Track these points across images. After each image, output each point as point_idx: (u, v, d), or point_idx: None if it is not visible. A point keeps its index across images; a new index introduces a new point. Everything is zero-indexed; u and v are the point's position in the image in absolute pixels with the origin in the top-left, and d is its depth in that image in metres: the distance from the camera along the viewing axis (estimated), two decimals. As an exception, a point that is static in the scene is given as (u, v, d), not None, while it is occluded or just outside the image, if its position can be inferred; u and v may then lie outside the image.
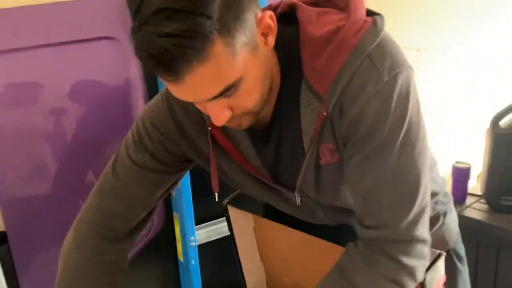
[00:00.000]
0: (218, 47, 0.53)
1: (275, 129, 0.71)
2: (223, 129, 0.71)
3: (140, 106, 1.29)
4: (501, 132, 1.76)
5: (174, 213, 1.36)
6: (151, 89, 1.27)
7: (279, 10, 0.70)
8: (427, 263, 0.71)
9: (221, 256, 1.37)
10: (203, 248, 1.35)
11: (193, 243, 1.29)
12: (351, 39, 0.61)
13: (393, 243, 0.67)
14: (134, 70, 1.27)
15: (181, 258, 1.36)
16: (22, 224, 1.21)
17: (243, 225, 1.00)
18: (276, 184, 0.76)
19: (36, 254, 1.25)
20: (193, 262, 1.30)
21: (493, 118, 1.77)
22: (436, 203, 0.89)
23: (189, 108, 0.74)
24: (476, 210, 1.95)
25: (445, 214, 0.91)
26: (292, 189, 0.75)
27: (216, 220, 1.37)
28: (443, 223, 0.90)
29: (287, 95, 0.68)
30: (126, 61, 1.24)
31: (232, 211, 0.97)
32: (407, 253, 0.67)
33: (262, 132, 0.72)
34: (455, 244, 0.95)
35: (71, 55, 1.18)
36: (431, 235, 0.72)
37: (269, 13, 0.60)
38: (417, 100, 0.66)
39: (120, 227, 0.83)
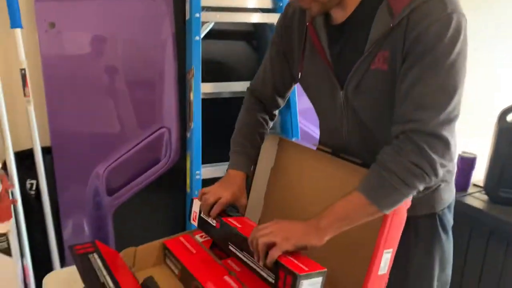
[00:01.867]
0: None
1: (347, 28, 0.90)
2: (314, 25, 0.96)
3: (171, 59, 1.56)
4: (506, 126, 1.83)
5: (187, 152, 1.62)
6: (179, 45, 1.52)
7: None
8: (447, 164, 0.83)
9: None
10: (208, 183, 1.59)
11: (198, 177, 1.55)
12: None
13: (420, 133, 0.80)
14: (167, 28, 1.53)
15: (188, 189, 1.62)
16: (65, 143, 1.52)
17: (269, 146, 1.17)
18: (334, 73, 0.94)
19: (74, 169, 1.55)
20: (196, 192, 1.55)
21: (501, 112, 1.84)
22: (446, 171, 0.99)
23: (295, 15, 1.03)
24: (475, 198, 2.03)
25: (442, 181, 1.02)
26: (342, 84, 0.93)
27: (221, 162, 1.61)
28: (437, 189, 1.01)
29: (367, 5, 0.87)
30: (160, 19, 1.50)
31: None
32: (429, 145, 0.80)
33: (337, 28, 0.92)
34: (443, 214, 1.03)
35: (115, 10, 1.46)
36: (424, 195, 0.89)
37: None
38: (466, 45, 0.81)
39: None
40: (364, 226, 0.87)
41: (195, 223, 1.07)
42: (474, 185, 2.15)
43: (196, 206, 1.07)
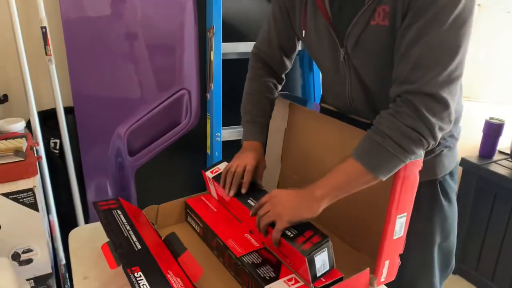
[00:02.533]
0: None
1: None
2: None
3: (191, 18, 1.52)
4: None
5: (207, 114, 1.61)
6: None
7: None
8: (447, 128, 0.78)
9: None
10: (227, 145, 1.60)
11: (218, 139, 1.55)
12: None
13: (418, 94, 0.75)
14: None
15: (208, 151, 1.62)
16: (86, 104, 1.52)
17: (280, 109, 1.16)
18: (333, 29, 0.90)
19: (95, 129, 1.57)
20: (216, 154, 1.56)
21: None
22: (449, 136, 1.00)
23: None
24: (500, 165, 1.98)
25: (445, 147, 1.01)
26: (342, 40, 0.89)
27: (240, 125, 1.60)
28: (438, 155, 1.00)
29: None
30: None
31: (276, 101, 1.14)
32: (427, 107, 0.75)
33: None
34: (444, 180, 1.02)
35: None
36: (425, 161, 0.83)
37: None
38: (473, 3, 0.75)
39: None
40: (377, 190, 0.86)
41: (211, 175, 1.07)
42: (500, 152, 2.10)
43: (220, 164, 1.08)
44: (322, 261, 0.78)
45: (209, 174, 1.06)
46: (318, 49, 0.99)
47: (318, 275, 0.79)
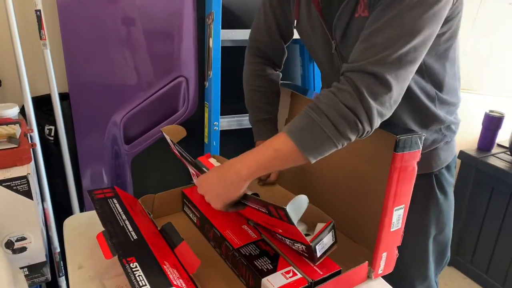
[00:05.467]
0: None
1: None
2: None
3: (190, 4, 1.49)
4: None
5: (205, 102, 1.58)
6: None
7: None
8: (387, 114, 0.74)
9: (239, 144, 1.60)
10: (226, 134, 1.58)
11: (216, 128, 1.53)
12: None
13: (361, 73, 0.71)
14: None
15: (206, 140, 1.60)
16: (82, 90, 1.50)
17: (282, 98, 1.14)
18: (324, 21, 0.89)
19: (91, 116, 1.54)
20: (214, 143, 1.54)
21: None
22: (446, 129, 0.98)
23: None
24: (498, 159, 1.98)
25: (442, 141, 1.00)
26: (332, 32, 0.89)
27: (239, 114, 1.58)
28: (435, 148, 0.99)
29: None
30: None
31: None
32: (369, 88, 0.70)
33: None
34: (440, 173, 1.02)
35: None
36: (422, 154, 0.80)
37: None
38: None
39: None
40: (375, 181, 0.85)
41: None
42: (499, 145, 2.10)
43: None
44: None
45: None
46: (312, 40, 0.98)
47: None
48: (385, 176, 0.80)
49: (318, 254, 0.79)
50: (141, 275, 0.70)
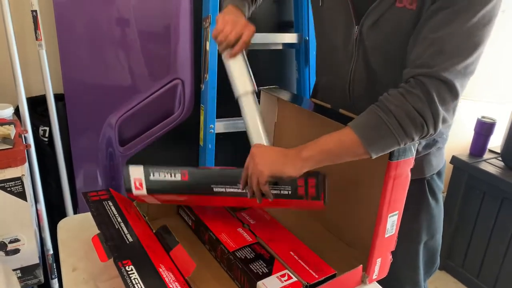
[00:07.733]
0: None
1: None
2: None
3: (187, 6, 1.49)
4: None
5: (201, 105, 1.59)
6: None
7: None
8: (449, 121, 0.77)
9: (234, 147, 1.61)
10: (221, 138, 1.58)
11: (212, 131, 1.53)
12: None
13: (433, 78, 0.73)
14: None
15: (201, 143, 1.60)
16: (77, 91, 1.49)
17: (269, 103, 1.15)
18: (352, 5, 0.88)
19: (86, 117, 1.53)
20: (209, 146, 1.54)
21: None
22: (438, 136, 1.00)
23: None
24: (490, 164, 2.00)
25: (434, 146, 1.01)
26: (359, 18, 0.88)
27: (235, 117, 1.58)
28: (427, 154, 1.01)
29: None
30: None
31: (264, 95, 1.14)
32: (439, 94, 0.73)
33: None
34: (431, 179, 1.04)
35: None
36: (416, 159, 0.83)
37: None
38: (498, 8, 0.75)
39: None
40: (369, 186, 0.85)
41: (141, 191, 0.91)
42: (490, 151, 2.12)
43: (137, 173, 0.92)
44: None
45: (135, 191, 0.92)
46: (331, 23, 0.97)
47: None
48: (379, 181, 0.81)
49: None
50: (136, 278, 0.70)
